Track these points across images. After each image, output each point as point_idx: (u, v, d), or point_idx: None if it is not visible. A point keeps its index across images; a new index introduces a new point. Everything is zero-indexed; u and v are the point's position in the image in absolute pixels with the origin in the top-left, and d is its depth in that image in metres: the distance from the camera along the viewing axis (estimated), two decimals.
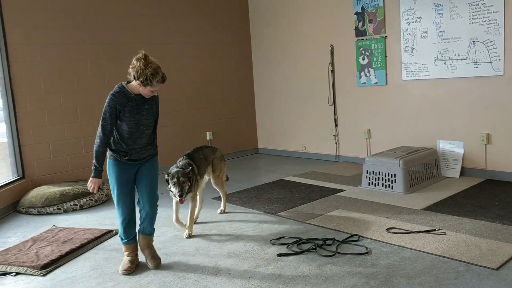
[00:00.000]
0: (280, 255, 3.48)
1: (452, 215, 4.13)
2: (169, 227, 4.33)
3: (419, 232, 3.76)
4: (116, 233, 4.26)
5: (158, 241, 3.94)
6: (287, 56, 7.44)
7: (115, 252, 3.80)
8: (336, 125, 6.90)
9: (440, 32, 5.49)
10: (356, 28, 6.36)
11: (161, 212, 4.81)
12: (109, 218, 4.79)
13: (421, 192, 4.97)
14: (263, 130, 8.15)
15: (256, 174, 6.49)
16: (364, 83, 6.40)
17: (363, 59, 6.35)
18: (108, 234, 4.23)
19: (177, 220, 4.14)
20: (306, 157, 7.39)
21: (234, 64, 7.82)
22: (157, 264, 3.44)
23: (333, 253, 3.45)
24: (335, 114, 6.88)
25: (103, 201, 5.42)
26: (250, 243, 3.78)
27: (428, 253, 3.35)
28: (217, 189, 4.67)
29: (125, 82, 3.30)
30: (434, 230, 3.77)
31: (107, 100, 3.22)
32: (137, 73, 3.14)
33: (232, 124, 7.88)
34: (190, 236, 4.03)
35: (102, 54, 6.29)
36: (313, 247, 3.58)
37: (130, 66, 3.18)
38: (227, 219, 4.47)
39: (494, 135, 5.24)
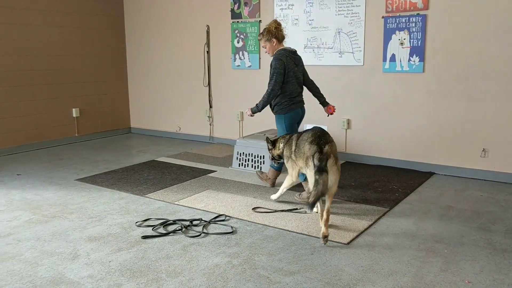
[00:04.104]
0: (144, 237, 3.39)
1: None
2: (23, 210, 3.97)
3: (282, 211, 3.93)
4: None
5: (9, 226, 3.60)
6: (162, 32, 7.22)
7: None
8: (210, 106, 6.90)
9: (310, 20, 5.74)
10: (232, 10, 6.38)
11: (15, 195, 4.42)
12: None
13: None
14: (136, 109, 7.85)
15: (126, 155, 6.24)
16: (239, 66, 6.48)
17: (238, 42, 6.41)
18: None
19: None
20: (181, 137, 7.30)
21: (105, 37, 7.36)
22: None
23: (199, 234, 3.46)
24: (210, 95, 6.88)
25: None
26: (114, 226, 3.62)
27: (289, 230, 3.52)
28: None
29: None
30: (296, 209, 3.97)
31: None
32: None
33: (103, 101, 7.45)
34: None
35: None
36: (180, 228, 3.55)
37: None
38: (90, 201, 4.22)
39: (354, 121, 5.67)
